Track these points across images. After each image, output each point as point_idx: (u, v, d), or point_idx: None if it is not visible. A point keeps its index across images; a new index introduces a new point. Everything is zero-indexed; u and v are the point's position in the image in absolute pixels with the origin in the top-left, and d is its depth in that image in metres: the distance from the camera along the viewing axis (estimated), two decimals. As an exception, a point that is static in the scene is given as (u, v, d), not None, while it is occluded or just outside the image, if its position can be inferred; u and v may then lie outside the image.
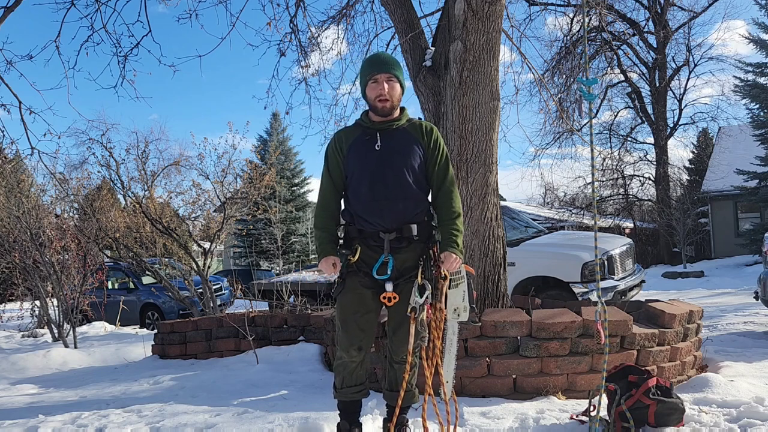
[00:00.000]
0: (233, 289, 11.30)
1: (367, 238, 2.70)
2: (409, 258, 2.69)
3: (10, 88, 6.06)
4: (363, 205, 2.69)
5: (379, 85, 2.68)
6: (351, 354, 2.74)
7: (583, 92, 2.71)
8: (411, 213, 2.69)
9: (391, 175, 2.66)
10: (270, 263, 25.29)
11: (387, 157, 2.68)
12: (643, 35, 22.29)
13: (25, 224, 8.00)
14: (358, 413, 2.87)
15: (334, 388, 2.84)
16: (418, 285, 2.58)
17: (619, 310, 3.79)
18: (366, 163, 2.70)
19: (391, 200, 2.66)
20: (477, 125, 4.44)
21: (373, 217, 2.68)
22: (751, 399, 3.25)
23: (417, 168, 2.71)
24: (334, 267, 2.69)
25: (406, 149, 2.71)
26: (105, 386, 4.90)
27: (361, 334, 2.73)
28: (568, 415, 3.10)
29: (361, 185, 2.70)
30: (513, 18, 7.51)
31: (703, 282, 14.81)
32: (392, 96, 2.69)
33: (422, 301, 2.55)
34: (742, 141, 20.88)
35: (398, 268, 2.67)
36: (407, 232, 2.66)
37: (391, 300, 2.63)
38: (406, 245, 2.68)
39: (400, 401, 2.59)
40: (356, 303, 2.71)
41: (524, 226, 8.30)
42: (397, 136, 2.72)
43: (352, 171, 2.74)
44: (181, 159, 10.32)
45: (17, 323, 10.04)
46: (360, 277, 2.70)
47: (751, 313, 7.35)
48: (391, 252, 2.65)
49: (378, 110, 2.71)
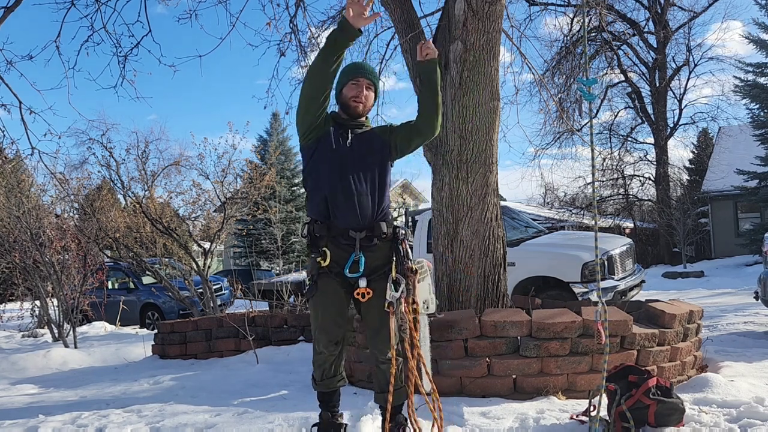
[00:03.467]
0: (233, 289, 11.29)
1: (336, 236, 2.75)
2: (379, 256, 2.75)
3: (11, 88, 6.07)
4: (333, 203, 2.73)
5: (359, 87, 2.78)
6: (330, 349, 2.83)
7: (583, 92, 2.71)
8: (380, 211, 2.76)
9: (358, 172, 2.73)
10: (270, 263, 25.27)
11: (355, 154, 2.75)
12: (643, 35, 22.28)
13: (26, 224, 8.01)
14: (337, 403, 2.97)
15: (314, 381, 2.92)
16: (392, 280, 2.64)
17: (619, 310, 3.79)
18: (336, 157, 2.74)
19: (362, 199, 2.72)
20: (477, 125, 4.44)
21: (343, 215, 2.72)
22: (751, 399, 3.25)
23: (383, 165, 2.81)
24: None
25: (372, 147, 2.80)
26: (105, 386, 4.90)
27: (337, 330, 2.82)
28: (568, 415, 3.10)
29: (330, 182, 2.73)
30: (513, 18, 7.52)
31: (703, 282, 14.80)
32: (367, 102, 2.82)
33: (398, 294, 2.62)
34: (742, 141, 20.88)
35: (369, 266, 2.72)
36: (378, 230, 2.72)
37: (365, 296, 2.69)
38: (376, 243, 2.74)
39: (391, 397, 2.62)
40: (330, 302, 2.78)
41: (524, 226, 8.30)
42: (366, 136, 2.82)
43: (320, 160, 2.77)
44: (181, 159, 10.36)
45: (17, 323, 10.05)
46: (332, 277, 2.75)
47: (751, 313, 7.35)
48: (361, 250, 2.71)
49: (350, 110, 2.80)
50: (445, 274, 4.54)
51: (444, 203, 4.54)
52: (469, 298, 4.43)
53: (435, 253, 4.69)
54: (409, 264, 2.71)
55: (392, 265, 2.70)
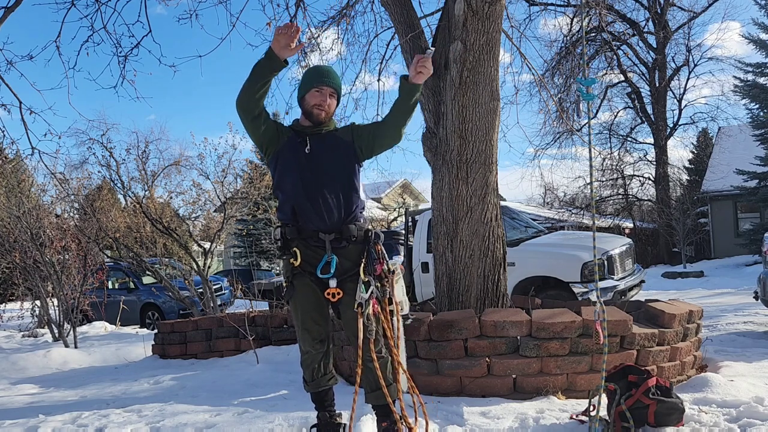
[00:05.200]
0: (233, 289, 11.30)
1: (306, 238, 2.78)
2: (350, 258, 2.77)
3: (11, 88, 6.07)
4: (299, 210, 2.76)
5: (322, 95, 2.79)
6: (315, 347, 2.86)
7: (582, 92, 2.71)
8: (347, 214, 2.78)
9: (322, 177, 2.76)
10: (270, 263, 25.26)
11: (317, 160, 2.77)
12: (643, 35, 22.29)
13: (26, 224, 8.01)
14: (332, 402, 2.99)
15: (305, 382, 2.95)
16: (362, 281, 2.67)
17: (618, 310, 3.79)
18: (297, 167, 2.77)
19: (327, 202, 2.74)
20: (477, 125, 4.44)
21: (309, 219, 2.75)
22: (751, 399, 3.25)
23: (348, 168, 2.82)
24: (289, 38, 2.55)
25: (336, 150, 2.81)
26: (105, 386, 4.90)
27: (319, 328, 2.85)
28: (568, 414, 3.11)
29: (295, 191, 2.77)
30: (513, 18, 7.53)
31: (703, 282, 14.80)
32: (330, 109, 2.83)
33: (367, 296, 2.65)
34: (742, 141, 20.88)
35: (341, 267, 2.75)
36: (346, 233, 2.75)
37: (335, 296, 2.73)
38: (346, 245, 2.77)
39: (386, 391, 2.66)
40: (308, 301, 2.81)
41: (524, 226, 8.30)
42: (328, 139, 2.83)
43: (284, 172, 2.80)
44: (182, 159, 10.36)
45: (17, 323, 10.05)
46: (306, 276, 2.79)
47: (750, 313, 7.35)
48: (332, 251, 2.74)
49: (313, 116, 2.81)
50: (445, 274, 4.54)
51: (444, 203, 4.55)
52: (469, 298, 4.44)
53: (435, 253, 4.70)
54: (384, 265, 2.74)
55: (361, 266, 2.72)
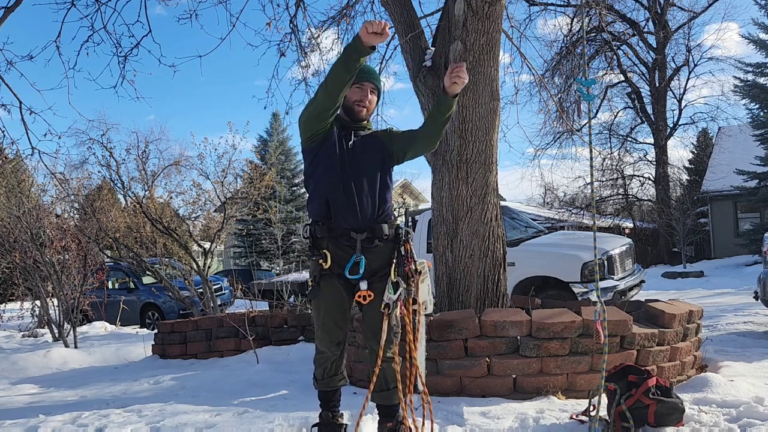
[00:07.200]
0: (233, 289, 11.29)
1: (337, 237, 2.75)
2: (380, 257, 2.75)
3: (11, 88, 6.07)
4: (334, 204, 2.73)
5: (363, 91, 2.78)
6: (331, 349, 2.85)
7: (582, 92, 2.71)
8: (381, 212, 2.77)
9: (361, 173, 2.74)
10: (270, 263, 25.27)
11: (357, 156, 2.76)
12: (643, 35, 22.30)
13: (26, 224, 8.01)
14: (338, 402, 2.99)
15: (315, 379, 2.94)
16: (391, 282, 2.65)
17: (618, 310, 3.79)
18: (338, 159, 2.74)
19: (362, 199, 2.72)
20: (477, 125, 4.44)
21: (344, 216, 2.72)
22: (751, 399, 3.25)
23: (385, 167, 2.83)
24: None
25: (374, 149, 2.81)
26: (105, 386, 4.91)
27: (339, 331, 2.83)
28: (568, 414, 3.11)
29: (331, 183, 2.74)
30: (513, 18, 7.53)
31: (703, 282, 14.80)
32: (370, 105, 2.84)
33: (395, 297, 2.63)
34: (742, 141, 20.89)
35: (370, 268, 2.72)
36: (378, 231, 2.73)
37: (366, 298, 2.70)
38: (377, 244, 2.75)
39: (400, 394, 2.63)
40: (332, 304, 2.79)
41: (524, 226, 8.31)
42: (369, 138, 2.83)
43: (322, 164, 2.77)
44: (182, 159, 10.37)
45: (17, 323, 10.05)
46: (333, 279, 2.76)
47: (750, 313, 7.35)
48: (362, 251, 2.72)
49: (354, 113, 2.80)
50: (445, 274, 4.54)
51: (444, 203, 4.55)
52: (469, 298, 4.44)
53: (435, 253, 4.70)
54: (412, 265, 2.71)
55: (392, 267, 2.70)
